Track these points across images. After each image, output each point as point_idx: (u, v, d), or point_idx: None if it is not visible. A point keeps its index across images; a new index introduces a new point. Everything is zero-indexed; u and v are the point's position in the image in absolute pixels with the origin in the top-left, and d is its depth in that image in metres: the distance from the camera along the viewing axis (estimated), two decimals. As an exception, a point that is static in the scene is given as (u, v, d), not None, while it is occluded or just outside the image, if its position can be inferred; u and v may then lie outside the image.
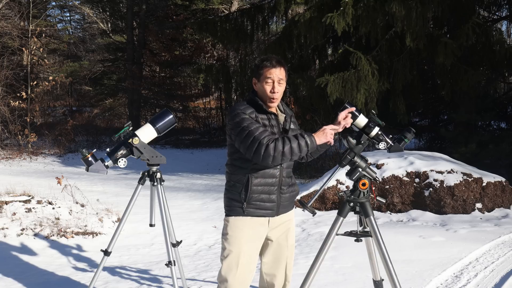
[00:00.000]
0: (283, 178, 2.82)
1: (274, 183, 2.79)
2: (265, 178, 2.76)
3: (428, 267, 4.72)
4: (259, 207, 2.78)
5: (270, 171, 2.77)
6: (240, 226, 2.79)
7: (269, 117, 2.77)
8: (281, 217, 2.90)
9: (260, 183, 2.76)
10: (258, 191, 2.76)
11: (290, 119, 2.88)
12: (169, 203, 3.72)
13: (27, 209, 6.14)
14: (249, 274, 2.83)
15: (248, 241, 2.79)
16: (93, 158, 3.22)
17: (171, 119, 3.39)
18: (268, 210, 2.81)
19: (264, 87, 2.75)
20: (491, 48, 9.68)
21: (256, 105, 2.75)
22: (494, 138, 10.42)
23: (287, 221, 2.95)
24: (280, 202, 2.84)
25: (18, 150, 14.00)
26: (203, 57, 20.23)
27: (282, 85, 2.79)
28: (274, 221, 2.86)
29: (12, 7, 16.07)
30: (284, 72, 2.79)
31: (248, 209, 2.77)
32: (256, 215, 2.79)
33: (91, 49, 26.13)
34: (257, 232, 2.81)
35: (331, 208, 7.39)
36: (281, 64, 2.78)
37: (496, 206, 7.24)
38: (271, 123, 2.76)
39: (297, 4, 14.42)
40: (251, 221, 2.79)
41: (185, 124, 20.74)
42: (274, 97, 2.75)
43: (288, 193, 2.88)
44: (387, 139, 3.20)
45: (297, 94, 11.87)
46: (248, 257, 2.79)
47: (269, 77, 2.74)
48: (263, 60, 2.80)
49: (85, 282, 4.39)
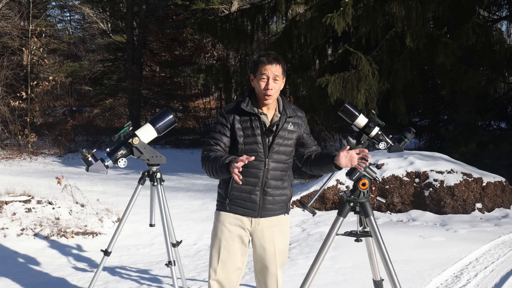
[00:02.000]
0: (266, 179, 2.75)
1: (255, 183, 2.75)
2: (247, 178, 2.73)
3: (428, 267, 4.72)
4: (239, 205, 2.78)
5: (253, 171, 2.74)
6: (221, 220, 2.82)
7: (251, 118, 2.75)
8: (268, 220, 2.82)
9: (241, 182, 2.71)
10: (239, 189, 2.76)
11: (285, 119, 2.78)
12: (169, 203, 3.72)
13: (27, 209, 6.14)
14: (235, 271, 2.80)
15: (227, 237, 2.79)
16: (93, 158, 3.22)
17: (171, 119, 3.39)
18: (249, 210, 2.78)
19: (259, 83, 2.72)
20: (491, 48, 9.68)
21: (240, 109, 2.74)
22: (494, 138, 10.41)
23: (275, 226, 2.84)
24: (263, 204, 2.78)
25: (18, 150, 13.99)
26: (203, 57, 20.23)
27: (278, 82, 2.74)
28: (258, 222, 2.81)
29: (12, 7, 16.07)
30: (280, 69, 2.74)
31: (230, 205, 2.79)
32: (238, 212, 2.80)
33: (91, 49, 26.12)
34: (237, 229, 2.79)
35: (331, 208, 7.39)
36: (277, 60, 2.73)
37: (496, 206, 7.24)
38: (252, 125, 2.73)
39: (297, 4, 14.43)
40: (233, 218, 2.80)
41: (185, 124, 20.73)
42: (268, 93, 2.70)
43: (275, 196, 2.80)
44: (387, 139, 3.21)
45: (297, 94, 11.87)
46: (227, 252, 2.78)
47: (264, 73, 2.71)
48: (260, 56, 2.78)
49: (85, 282, 4.39)
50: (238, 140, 2.73)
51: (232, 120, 2.75)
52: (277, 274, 2.85)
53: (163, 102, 19.73)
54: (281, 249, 2.86)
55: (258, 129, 2.74)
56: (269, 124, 2.78)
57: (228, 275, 2.79)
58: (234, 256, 2.79)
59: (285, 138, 2.79)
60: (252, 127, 2.74)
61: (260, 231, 2.82)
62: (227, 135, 2.76)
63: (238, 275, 2.83)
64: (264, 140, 2.74)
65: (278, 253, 2.84)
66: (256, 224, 2.81)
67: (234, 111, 2.77)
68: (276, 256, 2.83)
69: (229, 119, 2.76)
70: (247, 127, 2.74)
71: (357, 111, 3.17)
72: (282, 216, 2.88)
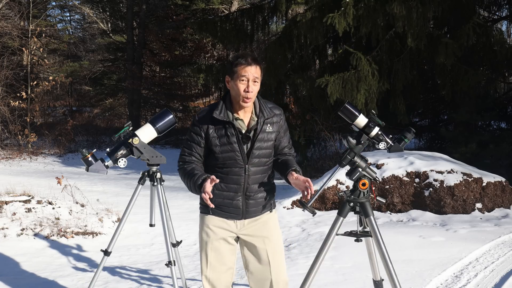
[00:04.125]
0: (248, 185, 2.72)
1: (237, 189, 2.72)
2: (228, 184, 2.72)
3: (428, 267, 4.72)
4: (222, 210, 2.77)
5: (234, 178, 2.70)
6: (206, 223, 2.81)
7: (225, 126, 2.67)
8: (254, 219, 2.81)
9: (222, 189, 2.72)
10: (221, 196, 2.73)
11: (263, 122, 2.71)
12: (169, 203, 3.72)
13: (27, 209, 6.14)
14: (226, 271, 2.80)
15: (213, 238, 2.78)
16: (93, 158, 3.22)
17: (171, 119, 3.38)
18: (232, 214, 2.77)
19: (238, 85, 2.62)
20: (491, 48, 9.68)
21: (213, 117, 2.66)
22: (494, 138, 10.41)
23: (261, 223, 2.82)
24: (246, 208, 2.77)
25: (18, 150, 13.99)
26: (203, 57, 20.23)
27: (257, 84, 2.65)
28: (243, 224, 2.80)
29: (12, 7, 16.08)
30: (259, 71, 2.66)
31: (213, 209, 2.76)
32: (221, 216, 2.78)
33: (91, 49, 26.13)
34: (222, 231, 2.79)
35: (331, 208, 7.39)
36: (256, 62, 2.65)
37: (496, 206, 7.24)
38: (227, 132, 2.66)
39: (297, 4, 14.42)
40: (217, 220, 2.79)
41: (185, 124, 20.69)
42: (248, 96, 2.61)
43: (258, 199, 2.78)
44: (387, 139, 3.20)
45: (297, 94, 11.86)
46: (215, 253, 2.78)
47: (244, 75, 2.60)
48: (238, 57, 2.66)
49: (85, 282, 4.39)
50: (214, 150, 2.68)
51: (206, 129, 2.68)
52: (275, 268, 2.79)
53: (163, 102, 19.73)
54: (272, 242, 2.81)
55: (233, 137, 2.66)
56: (246, 130, 2.71)
57: (219, 275, 2.79)
58: (222, 256, 2.79)
59: (264, 141, 2.73)
60: (227, 135, 2.66)
61: (246, 230, 2.81)
62: (201, 145, 2.72)
63: (230, 274, 2.83)
64: (241, 147, 2.67)
65: (270, 249, 2.80)
66: (241, 225, 2.81)
67: (208, 120, 2.68)
68: (269, 253, 2.79)
69: (203, 128, 2.69)
70: (222, 135, 2.67)
71: (357, 111, 3.16)
72: (267, 213, 2.86)
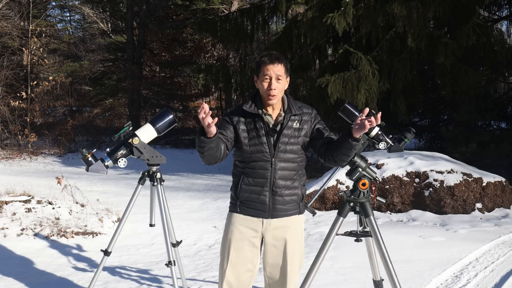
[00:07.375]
0: (274, 179, 2.73)
1: (264, 184, 2.74)
2: (255, 178, 2.74)
3: (428, 267, 4.72)
4: (250, 206, 2.77)
5: (261, 172, 2.73)
6: (233, 221, 2.81)
7: (255, 119, 2.75)
8: (280, 220, 2.78)
9: (250, 183, 2.75)
10: (248, 190, 2.76)
11: (289, 117, 2.75)
12: (169, 203, 3.72)
13: (27, 209, 6.14)
14: (245, 272, 2.78)
15: (238, 238, 2.77)
16: (93, 158, 3.22)
17: (171, 119, 3.39)
18: (259, 211, 2.77)
19: (262, 83, 2.72)
20: (491, 48, 9.68)
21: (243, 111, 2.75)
22: (494, 138, 10.40)
23: (288, 227, 2.79)
24: (273, 204, 2.75)
25: (18, 150, 13.99)
26: (203, 57, 20.22)
27: (281, 81, 2.73)
28: (270, 223, 2.77)
29: (12, 7, 16.07)
30: (283, 69, 2.73)
31: (241, 206, 2.78)
32: (249, 213, 2.78)
33: (91, 49, 26.11)
34: (248, 230, 2.77)
35: (331, 208, 7.38)
36: (279, 60, 2.72)
37: (496, 206, 7.24)
38: (256, 125, 2.74)
39: (297, 4, 14.42)
40: (244, 219, 2.79)
41: (185, 124, 20.72)
42: (271, 93, 2.70)
43: (285, 196, 2.77)
44: (387, 139, 3.21)
45: (297, 94, 11.85)
46: (237, 253, 2.76)
47: (267, 73, 2.70)
48: (262, 56, 2.77)
49: (85, 282, 4.39)
50: (243, 142, 2.74)
51: (236, 122, 2.76)
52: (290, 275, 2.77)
53: (163, 102, 19.72)
54: (294, 249, 2.79)
55: (262, 130, 2.73)
56: (273, 124, 2.77)
57: (238, 276, 2.77)
58: (244, 257, 2.77)
59: (290, 136, 2.75)
60: (256, 127, 2.74)
61: (272, 232, 2.78)
62: (229, 129, 2.76)
63: (249, 277, 2.80)
64: (269, 140, 2.73)
65: (290, 254, 2.78)
66: (267, 225, 2.78)
67: (238, 113, 2.78)
68: (288, 257, 2.77)
69: (233, 120, 2.76)
70: (251, 129, 2.74)
71: (357, 111, 3.17)
72: (295, 217, 2.83)
